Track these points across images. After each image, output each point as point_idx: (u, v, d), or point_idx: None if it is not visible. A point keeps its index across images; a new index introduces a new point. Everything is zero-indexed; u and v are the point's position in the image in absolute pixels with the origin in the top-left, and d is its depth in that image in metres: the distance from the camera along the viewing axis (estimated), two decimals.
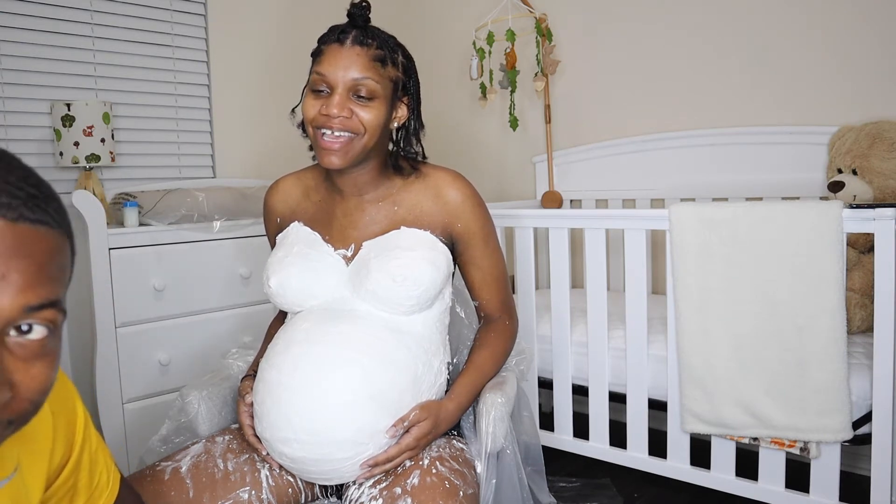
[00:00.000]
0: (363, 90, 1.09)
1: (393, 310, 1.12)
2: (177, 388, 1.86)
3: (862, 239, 1.82)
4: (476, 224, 1.22)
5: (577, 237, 2.40)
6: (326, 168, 1.13)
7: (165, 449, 1.24)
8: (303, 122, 1.24)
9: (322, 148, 1.11)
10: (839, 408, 1.47)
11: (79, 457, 0.76)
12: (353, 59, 1.09)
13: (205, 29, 2.41)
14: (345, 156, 1.11)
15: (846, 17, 2.02)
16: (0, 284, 0.49)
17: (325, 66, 1.10)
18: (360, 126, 1.10)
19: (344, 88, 1.09)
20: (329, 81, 1.10)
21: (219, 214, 2.03)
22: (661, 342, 1.79)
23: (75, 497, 0.78)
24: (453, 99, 2.98)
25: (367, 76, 1.09)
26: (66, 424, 0.75)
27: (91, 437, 0.79)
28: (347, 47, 1.10)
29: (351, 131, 1.10)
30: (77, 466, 0.77)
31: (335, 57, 1.09)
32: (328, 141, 1.10)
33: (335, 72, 1.09)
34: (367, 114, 1.10)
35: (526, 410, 1.32)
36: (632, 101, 2.48)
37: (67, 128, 1.96)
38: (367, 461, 1.05)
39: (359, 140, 1.11)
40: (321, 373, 1.05)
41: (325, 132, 1.10)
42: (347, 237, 1.20)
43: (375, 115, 1.11)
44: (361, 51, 1.10)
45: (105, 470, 0.82)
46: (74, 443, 0.75)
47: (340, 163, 1.11)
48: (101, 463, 0.81)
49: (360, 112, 1.10)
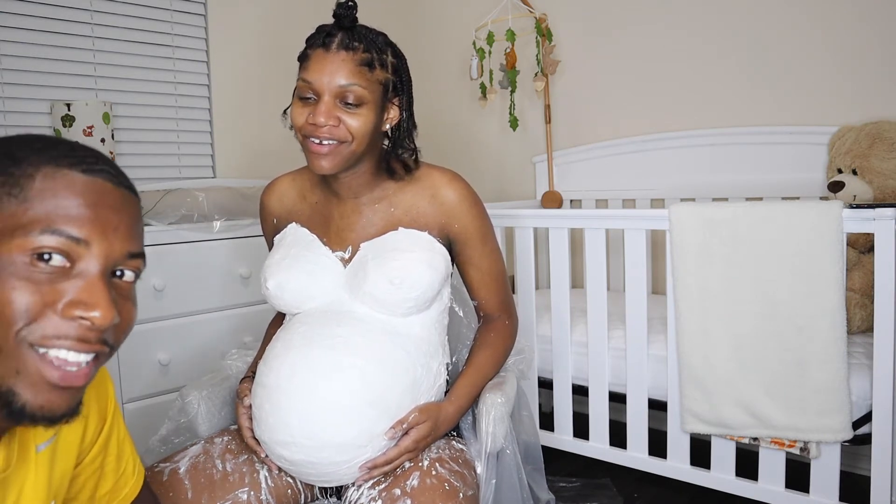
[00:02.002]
0: (350, 97, 1.07)
1: (391, 312, 1.12)
2: (177, 388, 1.86)
3: (862, 239, 1.82)
4: (473, 224, 1.21)
5: (577, 237, 2.40)
6: (317, 173, 1.12)
7: (165, 450, 1.23)
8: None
9: (311, 153, 1.10)
10: (839, 408, 1.47)
11: (107, 437, 0.81)
12: (339, 65, 1.06)
13: (205, 29, 2.41)
14: (333, 160, 1.09)
15: (846, 17, 2.02)
16: (114, 233, 0.63)
17: (310, 73, 1.07)
18: (347, 134, 1.08)
19: (330, 96, 1.07)
20: (315, 89, 1.07)
21: (219, 214, 2.03)
22: (661, 342, 1.79)
23: (102, 479, 0.82)
24: (453, 99, 2.98)
25: (354, 82, 1.07)
26: (98, 402, 0.80)
27: (120, 425, 0.84)
28: (333, 52, 1.07)
29: (338, 139, 1.08)
30: (105, 447, 0.81)
31: (320, 63, 1.07)
32: (317, 146, 1.09)
33: (321, 78, 1.06)
34: (355, 121, 1.08)
35: (525, 410, 1.32)
36: (632, 101, 2.48)
37: (67, 128, 1.96)
38: (365, 463, 1.05)
39: (347, 147, 1.09)
40: (319, 377, 1.04)
41: (313, 140, 1.09)
42: (345, 239, 1.20)
43: (363, 121, 1.09)
44: (347, 56, 1.07)
45: (132, 461, 0.86)
46: (105, 422, 0.80)
47: (330, 168, 1.10)
48: (127, 452, 0.85)
49: (347, 119, 1.08)
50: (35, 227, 0.58)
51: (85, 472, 0.80)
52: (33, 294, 0.58)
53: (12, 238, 0.58)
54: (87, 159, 0.63)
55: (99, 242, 0.61)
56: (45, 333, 0.59)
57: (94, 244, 0.61)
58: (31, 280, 0.58)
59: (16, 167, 0.60)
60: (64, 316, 0.60)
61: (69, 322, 0.60)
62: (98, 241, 0.61)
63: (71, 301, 0.60)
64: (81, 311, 0.60)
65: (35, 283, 0.59)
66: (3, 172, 0.60)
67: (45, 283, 0.59)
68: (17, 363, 0.58)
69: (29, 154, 0.61)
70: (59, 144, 0.63)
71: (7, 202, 0.59)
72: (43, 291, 0.59)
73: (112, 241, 0.62)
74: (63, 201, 0.60)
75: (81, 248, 0.60)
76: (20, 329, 0.58)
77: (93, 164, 0.63)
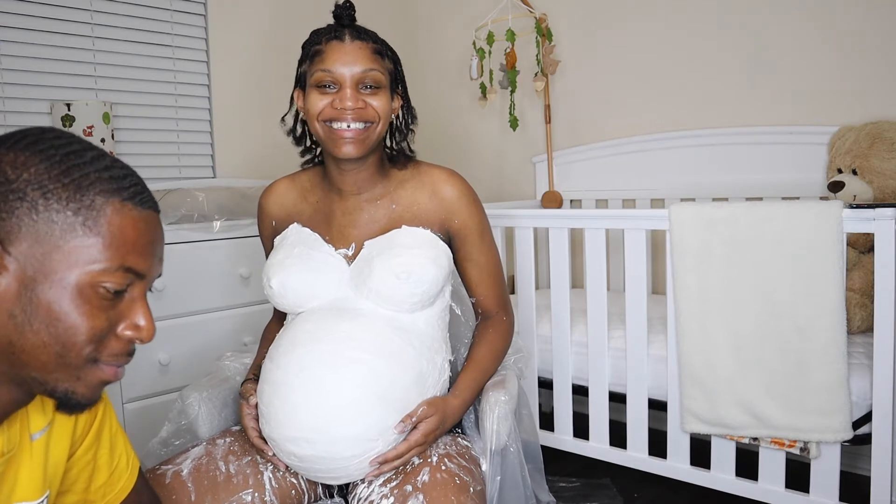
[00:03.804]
0: (370, 81, 1.13)
1: (397, 307, 1.13)
2: (177, 388, 1.86)
3: (862, 239, 1.82)
4: (472, 220, 1.23)
5: (577, 237, 2.40)
6: (342, 158, 1.14)
7: (165, 451, 1.23)
8: (293, 129, 1.25)
9: (339, 139, 1.12)
10: (839, 408, 1.48)
11: (99, 430, 0.83)
12: (357, 52, 1.12)
13: (205, 29, 2.41)
14: (362, 144, 1.13)
15: (846, 17, 2.02)
16: (159, 262, 0.71)
17: (329, 63, 1.12)
18: (374, 114, 1.13)
19: (352, 82, 1.12)
20: (336, 77, 1.12)
21: (219, 214, 2.03)
22: (661, 342, 1.79)
23: (96, 472, 0.84)
24: (453, 99, 2.98)
25: (373, 67, 1.13)
26: None
27: (111, 419, 0.86)
28: (348, 43, 1.13)
29: (366, 121, 1.13)
30: (97, 440, 0.83)
31: (339, 53, 1.12)
32: (344, 131, 1.12)
33: (341, 67, 1.12)
34: (378, 102, 1.14)
35: (525, 409, 1.32)
36: (632, 101, 2.48)
37: (67, 128, 1.96)
38: (376, 458, 1.05)
39: (373, 129, 1.14)
40: (327, 371, 1.05)
41: (340, 125, 1.12)
42: (347, 236, 1.20)
43: (384, 103, 1.15)
44: (362, 44, 1.14)
45: (125, 454, 0.87)
46: (96, 415, 0.83)
47: (357, 152, 1.13)
48: (120, 446, 0.87)
49: (371, 101, 1.13)
50: (110, 262, 0.65)
51: (78, 465, 0.81)
52: (102, 321, 0.66)
53: (86, 267, 0.64)
54: (138, 188, 0.69)
55: (150, 272, 0.70)
56: (108, 353, 0.67)
57: (147, 275, 0.69)
58: (100, 307, 0.65)
59: (85, 196, 0.64)
60: (121, 336, 0.68)
61: (124, 342, 0.69)
62: (150, 271, 0.70)
63: (128, 325, 0.68)
64: (135, 332, 0.69)
65: (102, 310, 0.66)
66: (76, 201, 0.64)
67: (109, 308, 0.66)
68: (80, 372, 0.66)
69: (95, 183, 0.65)
70: (113, 167, 0.67)
71: (83, 232, 0.64)
72: (108, 317, 0.66)
73: (157, 268, 0.71)
74: (130, 238, 0.66)
75: (138, 278, 0.68)
76: (89, 351, 0.65)
77: (142, 192, 0.69)
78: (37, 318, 0.62)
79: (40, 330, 0.63)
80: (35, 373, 0.64)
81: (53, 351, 0.63)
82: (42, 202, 0.62)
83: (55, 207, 0.62)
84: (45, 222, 0.62)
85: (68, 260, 0.63)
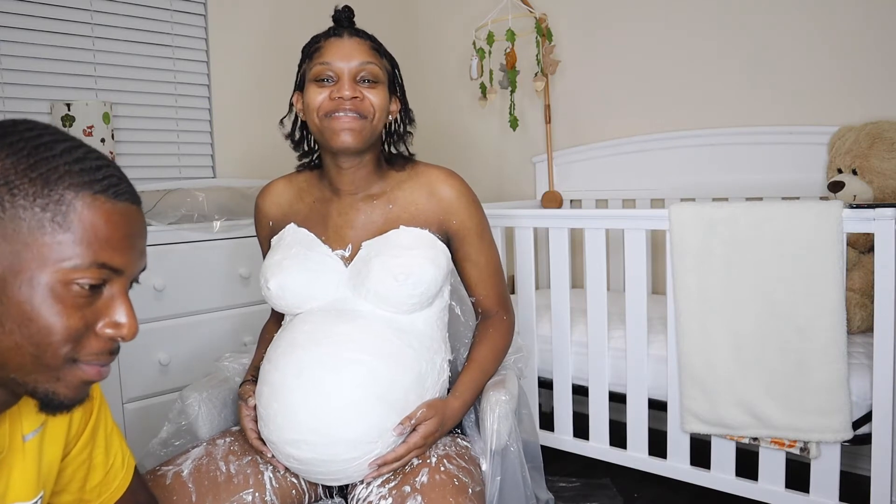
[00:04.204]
0: (368, 74, 1.14)
1: (395, 308, 1.12)
2: (177, 388, 1.86)
3: (862, 239, 1.82)
4: (471, 220, 1.22)
5: (577, 237, 2.40)
6: (340, 150, 1.14)
7: (165, 452, 1.23)
8: (291, 133, 1.26)
9: (337, 129, 1.12)
10: (839, 408, 1.48)
11: (93, 430, 0.82)
12: (355, 47, 1.14)
13: (205, 29, 2.41)
14: (359, 135, 1.13)
15: (846, 17, 2.02)
16: (139, 255, 0.68)
17: (328, 56, 1.13)
18: (370, 108, 1.13)
19: (350, 74, 1.13)
20: (335, 69, 1.13)
21: (219, 214, 2.03)
22: (661, 342, 1.79)
23: (91, 472, 0.83)
24: (453, 99, 2.98)
25: (370, 61, 1.14)
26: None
27: (107, 419, 0.85)
28: (347, 38, 1.15)
29: (361, 113, 1.12)
30: (92, 440, 0.82)
31: (337, 47, 1.14)
32: (342, 118, 1.12)
33: (340, 60, 1.13)
34: (374, 96, 1.14)
35: (525, 408, 1.32)
36: (632, 101, 2.48)
37: (67, 128, 1.96)
38: (375, 460, 1.05)
39: (368, 123, 1.14)
40: (327, 373, 1.04)
41: (337, 114, 1.12)
42: (344, 237, 1.20)
43: (381, 98, 1.15)
44: (360, 41, 1.16)
45: (120, 454, 0.87)
46: (91, 415, 0.82)
47: (354, 142, 1.13)
48: (115, 445, 0.86)
49: (368, 94, 1.14)
50: (81, 259, 0.62)
51: (73, 464, 0.81)
52: (78, 319, 0.63)
53: (57, 264, 0.61)
54: (112, 179, 0.65)
55: (129, 267, 0.67)
56: (86, 352, 0.65)
57: (126, 270, 0.66)
58: (75, 305, 0.63)
59: (53, 191, 0.61)
60: (100, 335, 0.65)
61: (105, 341, 0.66)
62: (129, 266, 0.66)
63: (107, 322, 0.66)
64: (115, 330, 0.66)
65: (77, 308, 0.63)
66: (43, 196, 0.61)
67: (85, 306, 0.64)
68: (59, 373, 0.64)
69: (64, 176, 0.62)
70: (85, 159, 0.64)
71: (52, 229, 0.61)
72: (84, 315, 0.64)
73: (137, 262, 0.68)
74: (103, 233, 0.63)
75: (116, 274, 0.65)
76: (67, 351, 0.63)
77: (117, 184, 0.65)
78: (9, 319, 0.60)
79: (13, 331, 0.60)
80: (13, 374, 0.62)
81: (28, 352, 0.61)
82: (8, 198, 0.59)
83: (22, 204, 0.60)
84: (12, 219, 0.60)
85: (39, 258, 0.60)
